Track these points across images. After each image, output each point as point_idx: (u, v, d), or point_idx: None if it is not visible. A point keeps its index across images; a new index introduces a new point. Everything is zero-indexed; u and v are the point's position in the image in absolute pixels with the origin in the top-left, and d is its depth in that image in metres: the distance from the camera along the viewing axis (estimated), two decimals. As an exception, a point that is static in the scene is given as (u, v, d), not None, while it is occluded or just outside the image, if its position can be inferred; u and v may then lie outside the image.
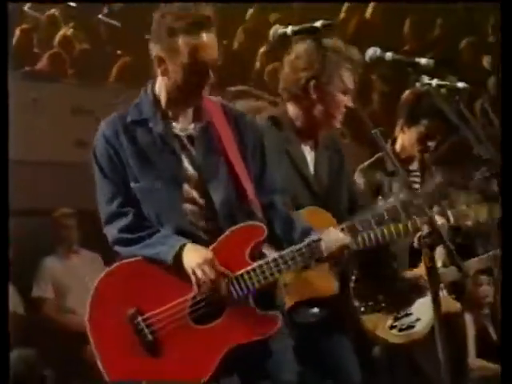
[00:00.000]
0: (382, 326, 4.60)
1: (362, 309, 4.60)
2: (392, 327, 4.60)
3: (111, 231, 3.47)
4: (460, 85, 4.02)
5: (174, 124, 3.47)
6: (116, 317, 3.40)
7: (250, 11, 11.92)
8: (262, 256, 3.43)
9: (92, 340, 3.45)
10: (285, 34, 3.58)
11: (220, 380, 3.37)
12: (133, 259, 3.43)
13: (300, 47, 4.10)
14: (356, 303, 4.59)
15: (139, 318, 3.38)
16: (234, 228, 3.41)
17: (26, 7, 11.40)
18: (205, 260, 3.31)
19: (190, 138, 3.47)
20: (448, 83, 3.96)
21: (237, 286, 3.37)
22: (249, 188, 3.45)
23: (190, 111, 3.49)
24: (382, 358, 4.79)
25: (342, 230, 3.47)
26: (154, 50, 3.42)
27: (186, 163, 3.46)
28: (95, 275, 6.87)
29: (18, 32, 9.99)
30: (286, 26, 3.61)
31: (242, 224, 3.41)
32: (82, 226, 7.04)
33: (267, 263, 3.38)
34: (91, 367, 6.49)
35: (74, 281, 6.78)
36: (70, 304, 6.80)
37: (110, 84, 9.54)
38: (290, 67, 4.11)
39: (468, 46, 11.99)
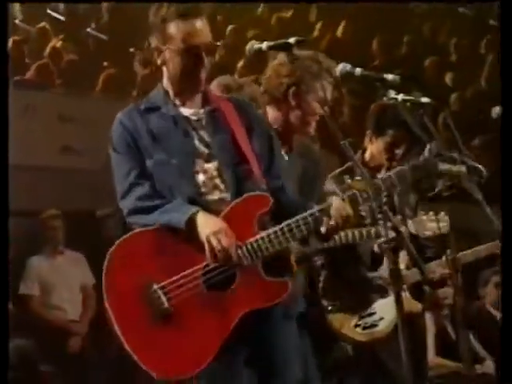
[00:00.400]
0: (348, 325, 4.60)
1: (330, 308, 4.61)
2: (356, 326, 4.59)
3: (128, 202, 3.46)
4: (424, 100, 4.03)
5: (183, 109, 3.51)
6: (132, 285, 3.38)
7: (230, 27, 11.96)
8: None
9: (109, 309, 3.39)
10: (260, 49, 3.58)
11: (233, 347, 3.35)
12: (147, 228, 3.41)
13: (284, 55, 4.11)
14: (324, 303, 4.61)
15: (155, 287, 3.35)
16: (241, 198, 3.40)
17: (18, 20, 11.38)
18: (220, 229, 3.31)
19: (199, 120, 3.51)
20: (413, 98, 3.97)
21: (247, 254, 3.35)
22: (255, 166, 3.47)
23: (198, 98, 3.53)
24: (350, 356, 4.77)
25: (343, 200, 3.42)
26: (153, 42, 3.50)
27: (197, 142, 3.49)
28: (79, 274, 6.90)
29: (10, 43, 9.95)
30: (262, 41, 3.61)
31: (248, 194, 3.41)
32: (68, 228, 7.02)
33: (275, 232, 3.36)
34: (73, 361, 6.55)
35: (58, 279, 6.76)
36: (54, 301, 6.76)
37: (96, 94, 9.51)
38: (273, 72, 4.13)
39: (432, 64, 12.07)
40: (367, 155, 4.83)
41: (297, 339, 3.53)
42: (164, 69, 3.52)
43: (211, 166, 3.47)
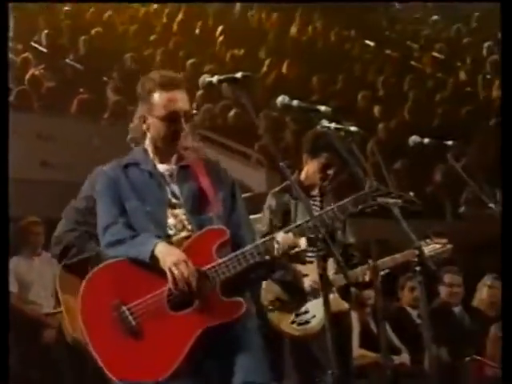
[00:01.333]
0: (285, 322, 4.63)
1: (270, 307, 4.64)
2: (293, 322, 4.63)
3: (105, 239, 3.46)
4: (353, 128, 4.05)
5: (159, 165, 3.52)
6: (104, 308, 3.36)
7: (190, 61, 11.97)
8: None
9: (84, 328, 3.38)
10: (211, 82, 3.61)
11: (195, 360, 3.33)
12: (116, 260, 3.41)
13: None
14: (265, 302, 4.64)
15: (124, 308, 3.34)
16: (201, 231, 3.42)
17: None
18: (179, 260, 3.30)
19: (172, 175, 3.51)
20: (343, 127, 4.01)
21: (206, 279, 3.34)
22: (217, 209, 3.48)
23: (174, 157, 3.54)
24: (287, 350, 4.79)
25: (290, 231, 3.44)
26: (139, 111, 3.53)
27: (169, 193, 3.49)
28: (54, 274, 6.84)
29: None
30: (213, 75, 3.64)
31: (207, 227, 3.42)
32: (45, 232, 6.99)
33: (230, 259, 3.37)
34: (48, 350, 6.49)
35: (35, 278, 6.69)
36: (31, 297, 6.69)
37: (71, 116, 9.48)
38: None
39: (362, 98, 12.18)
40: (303, 175, 4.87)
41: (258, 349, 3.47)
42: (147, 133, 3.53)
43: (179, 212, 3.48)
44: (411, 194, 3.89)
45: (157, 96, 3.44)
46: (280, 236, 3.41)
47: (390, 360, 5.44)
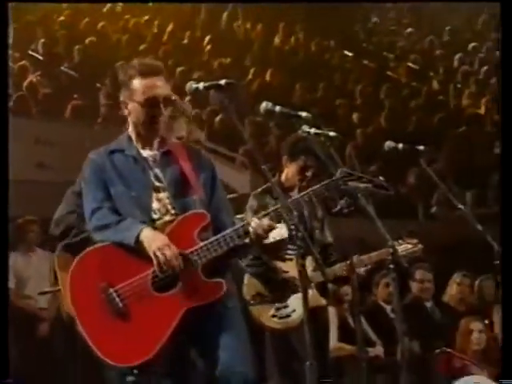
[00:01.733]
0: (266, 315, 4.62)
1: (251, 302, 4.64)
2: (273, 316, 4.62)
3: (91, 223, 3.45)
4: (332, 134, 4.06)
5: (142, 151, 3.51)
6: (92, 291, 3.36)
7: (179, 69, 11.96)
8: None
9: (73, 309, 3.38)
10: (197, 88, 3.61)
11: (178, 339, 3.33)
12: (103, 244, 3.40)
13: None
14: (247, 297, 4.64)
15: (111, 290, 3.33)
16: (183, 215, 3.41)
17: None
18: (163, 245, 3.30)
19: (155, 160, 3.50)
20: (323, 132, 4.01)
21: (188, 261, 3.34)
22: (199, 193, 3.47)
23: (156, 142, 3.52)
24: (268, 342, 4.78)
25: (266, 216, 3.44)
26: (121, 97, 3.51)
27: (152, 177, 3.48)
28: (48, 269, 6.82)
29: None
30: (199, 82, 3.65)
31: (189, 212, 3.41)
32: (41, 231, 6.97)
33: (211, 242, 3.36)
34: (43, 343, 6.46)
35: (31, 273, 6.68)
36: (27, 292, 6.67)
37: (66, 121, 9.46)
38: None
39: (342, 105, 12.21)
40: (283, 177, 4.87)
41: (239, 326, 3.48)
42: (129, 118, 3.52)
43: (163, 196, 3.47)
44: (381, 178, 3.92)
45: (136, 82, 3.44)
46: (254, 221, 3.41)
47: (365, 352, 5.43)
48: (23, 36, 12.23)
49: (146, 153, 3.51)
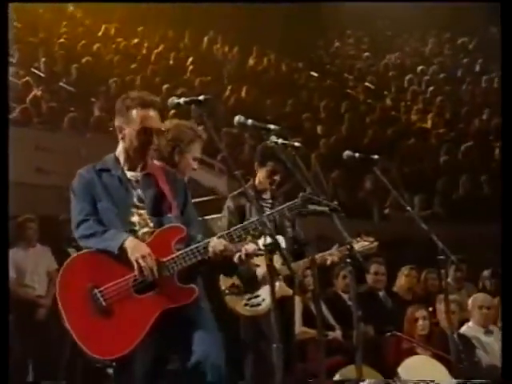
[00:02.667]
0: (239, 304, 4.59)
1: (226, 291, 4.61)
2: (245, 305, 4.59)
3: (78, 232, 3.42)
4: (297, 144, 4.06)
5: (127, 172, 3.49)
6: (79, 291, 3.33)
7: (165, 86, 11.91)
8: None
9: (61, 308, 3.34)
10: (178, 103, 3.58)
11: (154, 335, 3.31)
12: (88, 251, 3.39)
13: (169, 124, 4.14)
14: (222, 287, 4.61)
15: (96, 290, 3.31)
16: (162, 228, 3.41)
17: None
18: (144, 253, 3.30)
19: (137, 181, 3.49)
20: (289, 142, 4.00)
21: (165, 268, 3.34)
22: (174, 211, 3.46)
23: (139, 166, 3.51)
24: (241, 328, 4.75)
25: (222, 237, 3.44)
26: (116, 122, 3.50)
27: (135, 197, 3.47)
28: (46, 262, 6.75)
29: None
30: (180, 97, 3.62)
31: (167, 225, 3.42)
32: (40, 228, 6.91)
33: (186, 252, 3.36)
34: (40, 327, 6.39)
35: (30, 266, 6.60)
36: (27, 281, 6.59)
37: (63, 131, 9.39)
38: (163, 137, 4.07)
39: (307, 118, 12.25)
40: (256, 181, 4.85)
41: (211, 324, 3.46)
42: (120, 142, 3.51)
43: (143, 212, 3.46)
44: (335, 203, 3.92)
45: (135, 112, 3.43)
46: (213, 241, 3.41)
47: (325, 335, 5.45)
48: (27, 55, 12.14)
49: (129, 174, 3.50)
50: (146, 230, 3.43)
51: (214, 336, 3.40)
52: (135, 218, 3.44)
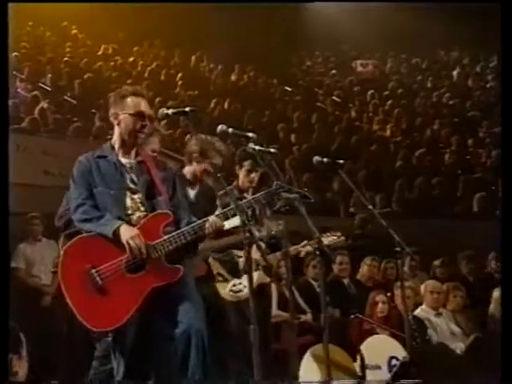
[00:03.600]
0: (224, 290, 4.59)
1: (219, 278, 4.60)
2: (230, 291, 4.59)
3: (76, 216, 3.40)
4: (272, 150, 4.07)
5: (122, 158, 3.47)
6: (78, 271, 3.33)
7: (157, 99, 11.84)
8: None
9: (63, 286, 3.34)
10: (167, 114, 3.57)
11: (144, 311, 3.32)
12: (88, 234, 3.37)
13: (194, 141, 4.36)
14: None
15: (93, 270, 3.31)
16: (151, 214, 3.40)
17: (19, 89, 11.12)
18: (135, 235, 3.29)
19: (131, 167, 3.47)
20: (265, 149, 4.00)
21: (154, 250, 3.33)
22: (164, 195, 3.45)
23: (133, 152, 3.50)
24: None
25: (217, 216, 3.47)
26: (112, 110, 3.49)
27: (128, 181, 3.45)
28: (52, 254, 6.70)
29: (10, 103, 9.72)
30: (169, 108, 3.62)
31: (156, 211, 3.41)
32: (46, 224, 6.83)
33: (172, 236, 3.36)
34: (45, 312, 6.33)
35: (37, 258, 6.56)
36: (34, 272, 6.55)
37: (67, 138, 9.32)
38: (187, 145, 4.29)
39: (282, 128, 12.24)
40: (239, 182, 4.83)
41: (196, 297, 3.46)
42: (116, 128, 3.48)
43: (136, 197, 3.44)
44: (305, 189, 3.94)
45: (129, 100, 3.44)
46: (211, 218, 3.43)
47: (297, 318, 5.45)
48: (35, 72, 12.08)
49: (124, 160, 3.47)
50: (138, 214, 3.40)
51: (197, 307, 3.40)
52: (128, 203, 3.41)
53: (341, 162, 4.56)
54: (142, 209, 3.42)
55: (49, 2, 13.57)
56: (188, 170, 4.51)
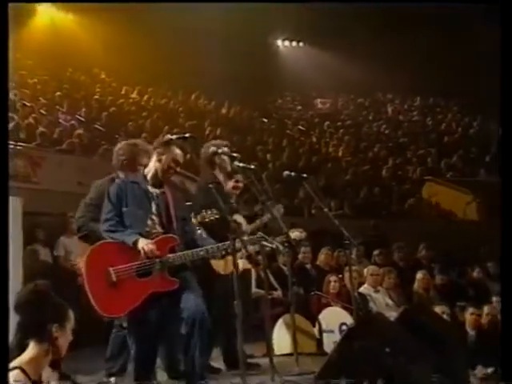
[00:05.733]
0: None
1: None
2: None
3: (104, 226, 3.35)
4: (252, 166, 4.03)
5: (150, 187, 3.43)
6: (99, 267, 3.27)
7: (165, 128, 11.78)
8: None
9: (85, 279, 3.28)
10: (171, 138, 3.55)
11: (144, 309, 3.25)
12: (110, 240, 3.32)
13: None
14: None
15: (110, 269, 3.25)
16: (161, 236, 3.34)
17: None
18: (149, 245, 3.25)
19: (156, 195, 3.43)
20: (246, 165, 4.00)
21: (159, 264, 3.28)
22: (174, 223, 3.39)
23: (159, 184, 3.46)
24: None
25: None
26: (159, 150, 3.43)
27: (153, 205, 3.40)
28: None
29: (56, 131, 9.62)
30: (172, 134, 3.60)
31: (166, 235, 3.35)
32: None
33: (177, 256, 3.30)
34: (80, 289, 6.25)
35: (73, 248, 6.48)
36: (71, 258, 6.46)
37: (97, 157, 9.23)
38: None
39: (260, 150, 12.23)
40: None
41: (196, 289, 3.39)
42: (154, 163, 3.43)
43: (155, 218, 3.40)
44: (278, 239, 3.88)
45: (174, 148, 3.42)
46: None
47: (270, 294, 5.44)
48: (73, 107, 11.91)
49: (151, 189, 3.43)
50: (154, 231, 3.36)
51: (198, 295, 3.36)
52: (149, 222, 3.36)
53: (304, 175, 4.58)
54: (158, 229, 3.38)
55: (49, 1, 13.06)
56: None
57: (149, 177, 3.45)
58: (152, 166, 3.45)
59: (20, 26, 13.67)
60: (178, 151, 3.44)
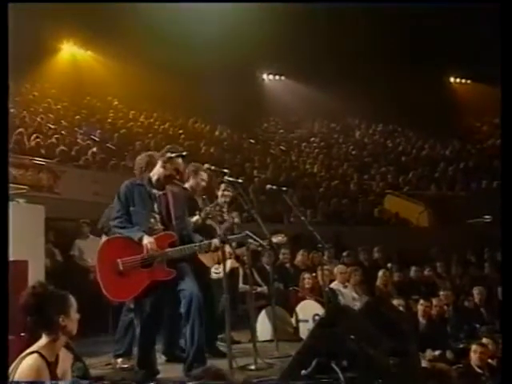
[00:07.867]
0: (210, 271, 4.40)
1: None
2: (213, 273, 4.44)
3: (114, 223, 3.34)
4: (239, 180, 4.06)
5: (153, 189, 3.40)
6: (110, 260, 3.25)
7: (167, 147, 11.72)
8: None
9: (98, 270, 3.27)
10: (170, 156, 3.52)
11: (147, 296, 3.24)
12: (118, 235, 3.31)
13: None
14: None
15: (118, 260, 3.23)
16: (162, 233, 3.32)
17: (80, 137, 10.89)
18: (152, 242, 3.24)
19: (159, 196, 3.40)
20: (236, 180, 4.02)
21: (159, 257, 3.27)
22: (174, 221, 3.38)
23: (162, 185, 3.43)
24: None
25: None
26: (166, 160, 3.41)
27: (156, 205, 3.38)
28: (95, 247, 6.53)
29: (74, 150, 9.56)
30: (172, 153, 3.54)
31: (166, 232, 3.34)
32: (92, 227, 6.68)
33: (175, 250, 3.29)
34: (93, 284, 6.16)
35: (86, 248, 6.41)
36: (85, 257, 6.39)
37: (109, 171, 9.18)
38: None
39: (248, 166, 12.23)
40: (218, 198, 4.64)
41: (191, 275, 3.37)
42: (159, 169, 3.41)
43: (157, 217, 3.38)
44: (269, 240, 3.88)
45: (178, 160, 3.40)
46: (214, 241, 3.41)
47: (255, 289, 5.41)
48: (88, 129, 11.83)
49: (154, 191, 3.41)
50: (156, 228, 3.34)
51: (192, 280, 3.35)
52: (152, 220, 3.35)
53: (284, 188, 4.60)
54: (159, 226, 3.38)
55: (49, 1, 12.85)
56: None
57: (153, 180, 3.42)
58: (157, 171, 3.48)
59: (47, 60, 14.17)
60: (180, 162, 3.43)
